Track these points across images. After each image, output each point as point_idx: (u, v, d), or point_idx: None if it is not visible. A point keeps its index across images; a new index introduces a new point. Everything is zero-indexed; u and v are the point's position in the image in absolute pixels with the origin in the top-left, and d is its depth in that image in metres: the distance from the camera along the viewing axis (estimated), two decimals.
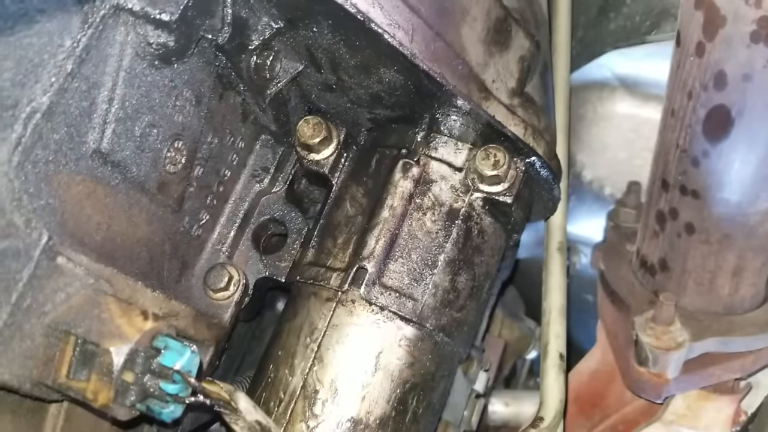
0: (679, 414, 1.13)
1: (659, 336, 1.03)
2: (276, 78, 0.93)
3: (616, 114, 1.41)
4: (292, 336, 0.93)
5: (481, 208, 0.95)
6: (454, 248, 0.93)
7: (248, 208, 1.03)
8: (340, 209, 0.98)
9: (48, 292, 0.67)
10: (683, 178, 0.97)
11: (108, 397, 0.66)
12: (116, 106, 0.76)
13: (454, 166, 0.95)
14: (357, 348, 0.90)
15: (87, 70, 0.72)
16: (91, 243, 0.77)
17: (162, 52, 0.78)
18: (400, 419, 0.90)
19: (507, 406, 1.48)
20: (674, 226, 1.03)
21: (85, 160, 0.75)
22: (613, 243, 1.26)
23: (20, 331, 0.65)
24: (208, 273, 0.98)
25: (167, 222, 0.91)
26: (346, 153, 1.01)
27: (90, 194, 0.77)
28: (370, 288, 0.90)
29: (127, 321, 0.69)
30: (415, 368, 0.91)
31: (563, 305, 1.06)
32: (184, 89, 0.85)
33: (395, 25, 0.82)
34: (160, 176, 0.86)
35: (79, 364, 0.68)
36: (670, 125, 0.96)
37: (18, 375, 0.66)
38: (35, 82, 0.69)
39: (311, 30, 0.86)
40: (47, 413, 0.79)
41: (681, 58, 0.90)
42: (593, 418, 1.22)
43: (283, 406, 0.89)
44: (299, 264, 0.98)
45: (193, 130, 0.90)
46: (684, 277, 1.06)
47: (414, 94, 0.91)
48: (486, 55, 0.93)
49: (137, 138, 0.81)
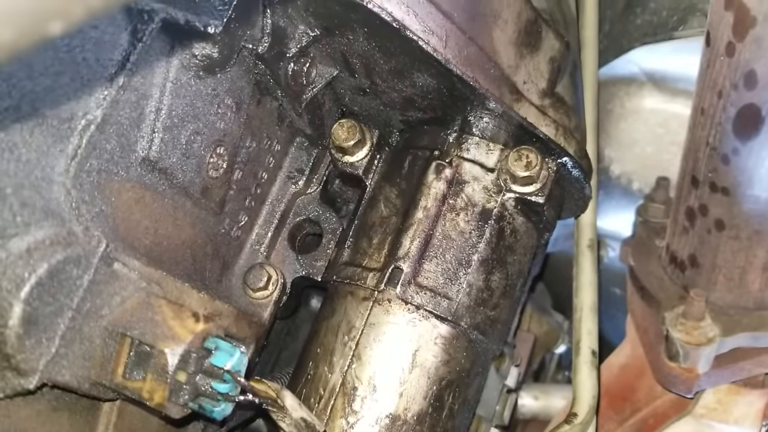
0: (710, 408, 1.14)
1: (690, 331, 1.04)
2: (312, 84, 0.96)
3: (644, 109, 1.42)
4: (330, 334, 0.96)
5: (514, 208, 0.97)
6: (488, 248, 0.95)
7: (284, 209, 1.06)
8: (374, 210, 1.01)
9: (105, 297, 0.70)
10: (713, 175, 0.98)
11: (163, 396, 0.70)
12: (163, 115, 0.79)
13: (486, 167, 0.97)
14: (394, 346, 0.92)
15: (136, 82, 0.76)
16: (140, 247, 0.80)
17: (206, 63, 0.81)
18: (437, 415, 0.93)
19: (536, 399, 1.50)
20: (704, 222, 1.03)
21: (134, 167, 0.79)
22: (642, 238, 1.26)
23: (80, 334, 0.69)
24: (248, 273, 1.01)
25: (209, 224, 0.94)
26: (379, 154, 1.04)
27: (139, 200, 0.80)
28: (406, 287, 0.92)
29: (180, 323, 0.72)
30: (450, 365, 0.93)
31: (594, 302, 1.07)
32: (225, 97, 0.88)
33: (429, 31, 0.84)
34: (204, 181, 0.89)
35: (134, 364, 0.71)
36: (700, 123, 0.97)
37: (78, 375, 0.70)
38: (89, 95, 0.72)
39: (347, 37, 0.89)
40: (101, 411, 0.82)
41: (711, 58, 0.91)
42: (624, 412, 1.23)
43: (323, 403, 0.92)
44: (335, 264, 1.01)
45: (234, 136, 0.92)
46: (714, 272, 1.06)
47: (447, 97, 0.93)
48: (517, 57, 0.94)
49: (183, 145, 0.84)
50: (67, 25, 0.31)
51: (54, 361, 0.67)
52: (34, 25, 0.30)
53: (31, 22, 0.29)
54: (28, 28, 0.29)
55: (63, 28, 0.31)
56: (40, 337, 0.65)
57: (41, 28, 0.30)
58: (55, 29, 0.31)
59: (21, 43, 0.30)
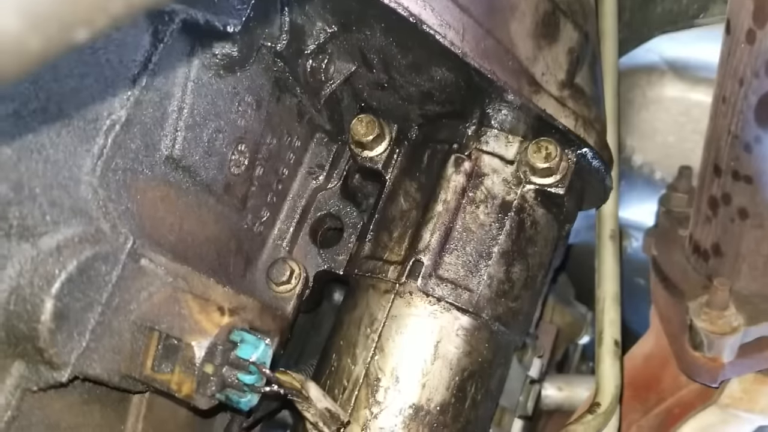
0: (735, 397, 1.13)
1: (714, 321, 1.03)
2: (330, 80, 0.97)
3: (665, 98, 1.41)
4: (352, 327, 0.98)
5: (534, 199, 0.97)
6: (508, 240, 0.95)
7: (305, 204, 1.08)
8: (394, 204, 1.01)
9: (133, 292, 0.72)
10: (736, 163, 0.97)
11: (191, 387, 0.71)
12: (186, 114, 0.81)
13: (505, 159, 0.97)
14: (416, 338, 0.93)
15: (159, 83, 0.77)
16: (166, 243, 0.82)
17: (226, 62, 0.82)
18: (460, 405, 0.93)
19: (560, 390, 1.50)
20: (727, 211, 1.03)
21: (159, 166, 0.80)
22: (665, 228, 1.26)
23: (110, 328, 0.71)
24: (271, 267, 1.02)
25: (232, 220, 0.96)
26: (398, 149, 1.04)
27: (164, 198, 0.82)
28: (427, 280, 0.93)
29: (206, 317, 0.73)
30: (472, 356, 0.94)
31: (617, 293, 1.07)
32: (245, 95, 0.89)
33: (446, 25, 0.84)
34: (226, 178, 0.91)
35: (162, 357, 0.73)
36: (722, 112, 0.97)
37: (108, 369, 0.72)
38: (113, 96, 0.74)
39: (364, 33, 0.90)
40: (131, 402, 0.85)
41: (731, 46, 0.90)
42: (648, 402, 1.23)
43: (347, 394, 0.94)
44: (356, 257, 1.02)
45: (255, 133, 0.94)
46: (738, 261, 1.06)
47: (465, 90, 0.93)
48: (535, 49, 0.94)
49: (205, 143, 0.85)
50: (92, 32, 0.33)
51: (85, 354, 0.69)
52: (61, 33, 0.31)
53: (57, 30, 0.31)
54: (55, 36, 0.31)
55: (88, 36, 0.33)
56: (71, 332, 0.67)
57: (68, 36, 0.32)
58: (81, 37, 0.32)
59: (49, 51, 0.31)
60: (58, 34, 0.31)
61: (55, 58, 0.32)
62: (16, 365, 0.68)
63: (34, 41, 0.30)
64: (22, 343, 0.66)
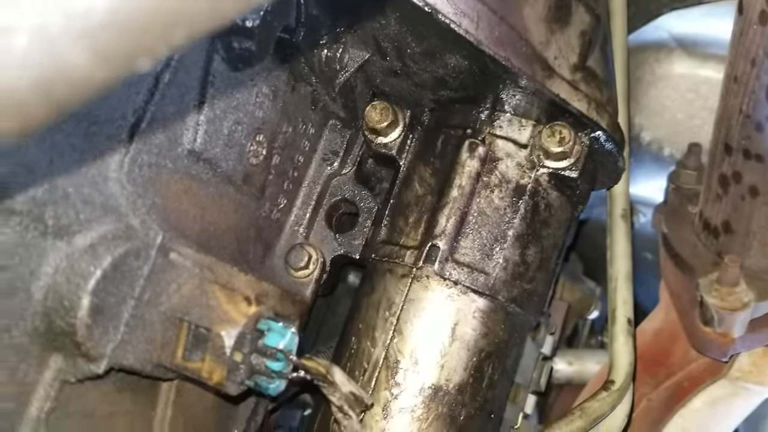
0: (745, 371, 1.16)
1: (724, 297, 1.05)
2: (344, 68, 0.98)
3: (674, 75, 1.41)
4: (371, 310, 1.00)
5: (547, 183, 0.98)
6: (523, 223, 0.97)
7: (321, 190, 1.09)
8: (409, 189, 1.03)
9: (163, 285, 0.74)
10: (747, 142, 0.99)
11: (222, 375, 0.74)
12: (206, 108, 0.82)
13: (518, 143, 0.98)
14: (434, 320, 0.95)
15: (180, 78, 0.78)
16: (191, 235, 0.84)
17: (245, 56, 0.83)
18: (477, 385, 0.96)
19: (570, 365, 1.53)
20: (738, 189, 1.04)
21: (181, 159, 0.82)
22: (674, 205, 1.27)
23: (142, 320, 0.73)
24: (289, 253, 1.04)
25: (251, 209, 0.97)
26: (412, 134, 1.05)
27: (187, 190, 0.84)
28: (444, 264, 0.95)
29: (234, 307, 0.76)
30: (489, 338, 0.96)
31: (629, 271, 1.09)
32: (262, 86, 0.91)
33: (461, 13, 0.85)
34: (245, 168, 0.93)
35: (192, 347, 0.75)
36: (733, 91, 0.98)
37: (141, 359, 0.74)
38: (136, 93, 0.75)
39: (378, 22, 0.90)
40: (160, 389, 0.87)
41: (743, 26, 0.91)
42: (658, 376, 1.26)
43: (367, 376, 0.96)
44: (372, 242, 1.04)
45: (272, 123, 0.95)
46: (748, 238, 1.07)
47: (478, 76, 0.94)
48: (548, 33, 0.95)
49: (225, 136, 0.87)
50: (153, 61, 0.34)
51: (120, 346, 0.71)
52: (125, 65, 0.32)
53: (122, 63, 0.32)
54: (119, 68, 0.32)
55: (149, 65, 0.34)
56: (106, 326, 0.69)
57: (130, 67, 0.33)
58: (142, 66, 0.34)
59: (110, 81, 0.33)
60: (122, 65, 0.32)
61: (115, 86, 0.34)
62: (54, 358, 0.70)
63: (99, 74, 0.32)
64: (60, 338, 0.68)
